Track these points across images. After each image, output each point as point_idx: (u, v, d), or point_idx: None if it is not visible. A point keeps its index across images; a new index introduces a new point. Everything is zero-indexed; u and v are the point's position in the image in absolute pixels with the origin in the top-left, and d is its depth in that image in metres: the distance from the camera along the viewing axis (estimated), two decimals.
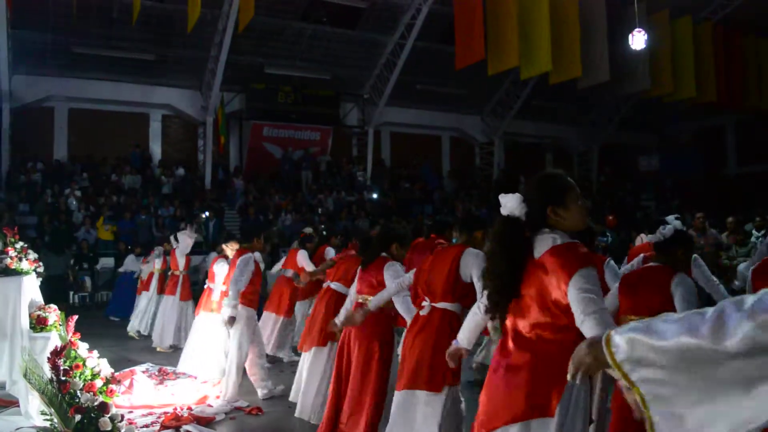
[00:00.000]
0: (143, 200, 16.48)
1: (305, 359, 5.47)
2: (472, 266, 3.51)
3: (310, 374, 5.23)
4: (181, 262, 8.96)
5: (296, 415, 5.20)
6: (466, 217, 3.92)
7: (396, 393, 3.61)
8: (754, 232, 9.17)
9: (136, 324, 9.90)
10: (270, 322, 7.82)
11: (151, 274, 10.14)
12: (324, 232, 10.96)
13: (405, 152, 22.38)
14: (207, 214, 16.29)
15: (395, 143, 22.47)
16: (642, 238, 6.94)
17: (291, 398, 5.64)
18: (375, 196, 19.61)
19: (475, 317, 2.87)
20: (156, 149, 18.83)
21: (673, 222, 3.71)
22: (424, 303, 3.64)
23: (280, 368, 7.33)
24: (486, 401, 2.33)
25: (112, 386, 3.59)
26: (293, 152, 19.83)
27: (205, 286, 7.15)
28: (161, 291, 9.63)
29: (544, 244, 2.26)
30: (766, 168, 20.92)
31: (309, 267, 7.57)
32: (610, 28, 17.32)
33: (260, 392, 6.01)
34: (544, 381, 2.15)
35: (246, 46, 17.79)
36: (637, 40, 15.60)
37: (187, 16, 14.76)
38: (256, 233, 6.26)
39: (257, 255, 6.07)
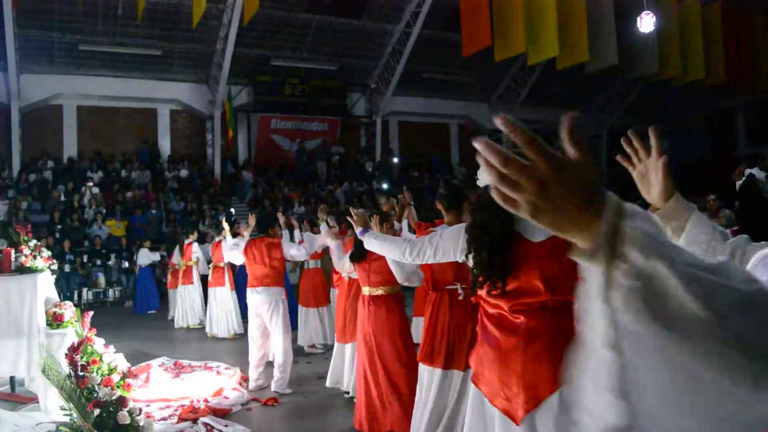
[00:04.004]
0: (154, 195, 16.55)
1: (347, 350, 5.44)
2: None
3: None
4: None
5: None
6: (450, 191, 3.80)
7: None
8: None
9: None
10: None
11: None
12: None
13: (413, 141, 22.31)
14: (232, 210, 16.39)
15: (403, 132, 22.41)
16: None
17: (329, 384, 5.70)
18: (385, 186, 19.59)
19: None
20: (164, 144, 18.87)
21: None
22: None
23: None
24: (505, 378, 2.30)
25: (129, 380, 3.64)
26: (305, 143, 19.83)
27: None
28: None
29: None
30: None
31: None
32: (617, 11, 17.11)
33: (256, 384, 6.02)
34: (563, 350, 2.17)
35: (252, 39, 17.77)
36: (646, 22, 15.42)
37: (192, 10, 14.77)
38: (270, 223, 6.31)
39: None
